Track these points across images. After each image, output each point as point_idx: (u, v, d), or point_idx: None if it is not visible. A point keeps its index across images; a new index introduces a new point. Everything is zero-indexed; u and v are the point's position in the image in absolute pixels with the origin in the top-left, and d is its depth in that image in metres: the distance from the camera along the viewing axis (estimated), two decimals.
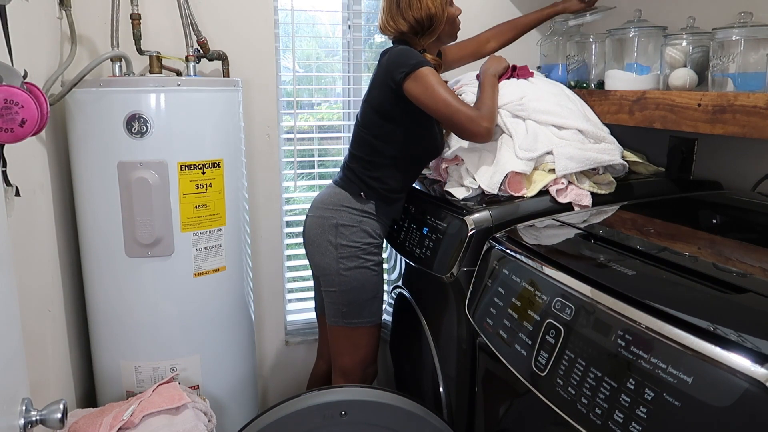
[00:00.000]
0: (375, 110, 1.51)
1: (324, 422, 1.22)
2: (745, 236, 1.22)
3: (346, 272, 1.52)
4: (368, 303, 1.55)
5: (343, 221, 1.53)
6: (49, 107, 1.06)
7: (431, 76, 1.40)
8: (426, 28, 1.50)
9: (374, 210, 1.54)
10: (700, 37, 1.42)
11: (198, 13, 1.74)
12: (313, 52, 2.16)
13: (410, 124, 1.49)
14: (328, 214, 1.55)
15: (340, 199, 1.55)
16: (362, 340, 1.58)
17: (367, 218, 1.54)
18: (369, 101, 1.53)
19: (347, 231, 1.52)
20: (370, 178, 1.54)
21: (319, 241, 1.55)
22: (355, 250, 1.52)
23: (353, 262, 1.52)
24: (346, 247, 1.52)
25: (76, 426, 1.35)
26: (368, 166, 1.54)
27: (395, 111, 1.48)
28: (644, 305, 0.82)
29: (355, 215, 1.53)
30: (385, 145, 1.52)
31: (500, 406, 1.20)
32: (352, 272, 1.52)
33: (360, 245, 1.52)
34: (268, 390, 2.16)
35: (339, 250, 1.52)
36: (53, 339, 1.42)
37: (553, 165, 1.44)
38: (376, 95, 1.51)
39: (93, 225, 1.52)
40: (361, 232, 1.53)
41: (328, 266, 1.54)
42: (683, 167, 1.64)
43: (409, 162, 1.57)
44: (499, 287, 1.12)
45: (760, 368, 0.65)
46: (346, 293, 1.53)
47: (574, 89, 1.70)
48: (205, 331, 1.62)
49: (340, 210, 1.54)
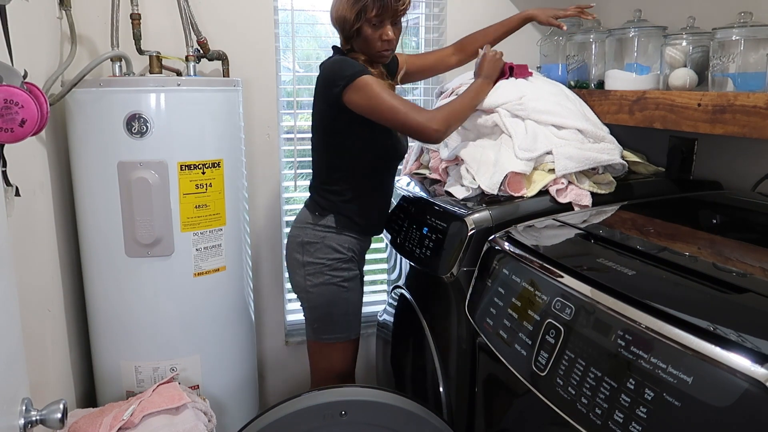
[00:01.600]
0: (321, 124, 1.50)
1: (324, 422, 1.22)
2: (745, 236, 1.22)
3: (312, 289, 1.52)
4: (340, 319, 1.54)
5: (308, 238, 1.52)
6: (49, 107, 1.06)
7: (372, 84, 1.37)
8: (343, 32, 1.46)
9: (334, 224, 1.52)
10: (700, 37, 1.42)
11: (198, 13, 1.74)
12: (313, 52, 2.16)
13: (360, 132, 1.46)
14: (295, 232, 1.56)
15: (305, 216, 1.55)
16: (335, 355, 1.57)
17: (329, 233, 1.52)
18: (314, 115, 1.51)
19: (312, 248, 1.51)
20: (328, 192, 1.52)
21: (289, 259, 1.56)
22: (321, 266, 1.51)
23: (319, 278, 1.51)
24: (312, 264, 1.51)
25: (76, 426, 1.35)
26: (326, 180, 1.53)
27: (339, 123, 1.45)
28: (644, 305, 0.82)
29: (318, 231, 1.52)
30: (338, 157, 1.51)
31: (500, 406, 1.20)
32: (318, 289, 1.51)
33: (325, 261, 1.51)
34: (268, 390, 2.16)
35: (306, 267, 1.52)
36: (53, 339, 1.42)
37: (553, 165, 1.44)
38: (318, 109, 1.49)
39: (93, 225, 1.52)
40: (325, 248, 1.51)
41: (297, 284, 1.55)
42: (683, 167, 1.64)
43: (368, 170, 1.54)
44: (499, 287, 1.12)
45: (760, 368, 0.65)
46: (314, 310, 1.54)
47: (574, 89, 1.70)
48: (205, 331, 1.62)
49: (305, 227, 1.53)
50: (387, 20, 1.41)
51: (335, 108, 1.41)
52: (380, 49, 1.45)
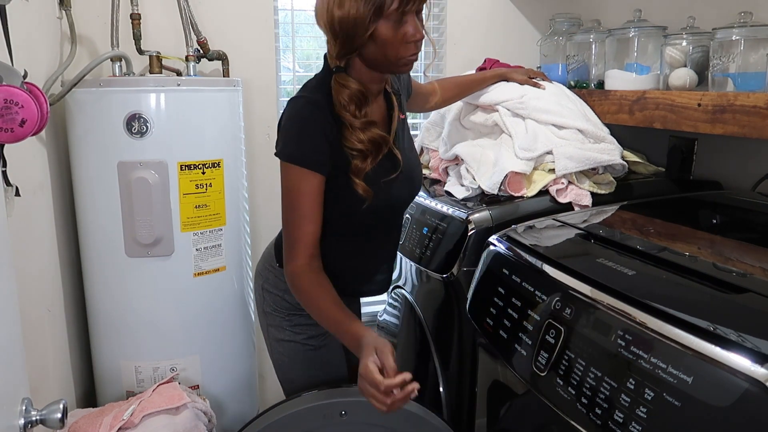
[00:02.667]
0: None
1: (324, 422, 1.22)
2: (745, 236, 1.22)
3: (275, 343, 1.31)
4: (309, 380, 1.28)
5: (269, 286, 1.28)
6: (49, 107, 1.06)
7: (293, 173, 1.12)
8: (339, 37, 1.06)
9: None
10: (700, 37, 1.42)
11: (198, 13, 1.74)
12: (313, 52, 2.16)
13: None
14: (258, 272, 1.34)
15: (268, 257, 1.30)
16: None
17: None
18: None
19: (270, 298, 1.28)
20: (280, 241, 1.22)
21: (256, 304, 1.36)
22: (281, 320, 1.28)
23: (280, 333, 1.28)
24: (272, 316, 1.29)
25: (76, 426, 1.35)
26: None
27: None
28: (644, 305, 0.82)
29: (280, 280, 1.23)
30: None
31: (500, 406, 1.20)
32: (279, 345, 1.30)
33: (284, 316, 1.27)
34: (268, 390, 2.15)
35: (267, 317, 1.30)
36: (53, 339, 1.42)
37: (553, 165, 1.44)
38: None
39: (93, 225, 1.52)
40: (284, 303, 1.26)
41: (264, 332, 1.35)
42: (683, 167, 1.64)
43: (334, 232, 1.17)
44: (499, 287, 1.12)
45: (760, 368, 0.65)
46: (279, 365, 1.33)
47: (574, 89, 1.70)
48: (205, 331, 1.61)
49: (268, 270, 1.29)
50: (412, 12, 1.05)
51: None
52: (406, 54, 1.08)
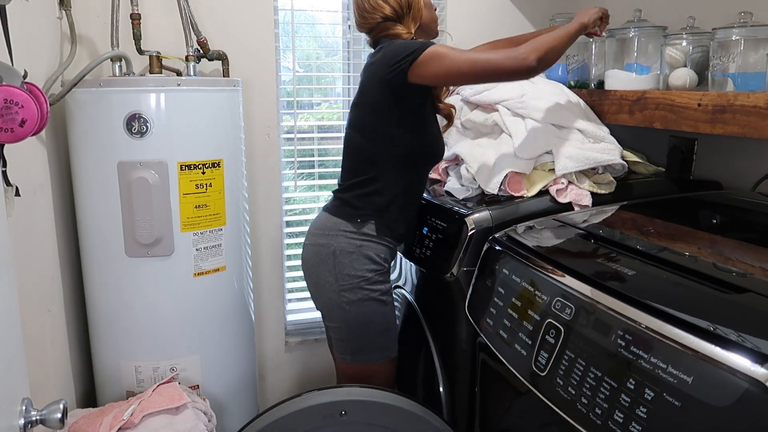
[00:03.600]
0: (372, 112, 1.39)
1: (324, 422, 1.22)
2: (745, 236, 1.22)
3: (349, 306, 1.37)
4: (379, 337, 1.41)
5: (342, 248, 1.38)
6: (49, 107, 1.06)
7: (443, 48, 1.30)
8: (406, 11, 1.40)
9: (374, 231, 1.39)
10: (700, 37, 1.42)
11: (198, 13, 1.74)
12: (313, 52, 2.16)
13: (410, 123, 1.38)
14: (324, 241, 1.41)
15: (336, 224, 1.41)
16: (375, 378, 1.41)
17: (367, 242, 1.39)
18: (363, 104, 1.41)
19: (347, 259, 1.37)
20: (366, 194, 1.40)
21: (317, 272, 1.42)
22: (359, 280, 1.37)
23: (356, 294, 1.37)
24: (347, 277, 1.37)
25: (76, 426, 1.35)
26: (363, 181, 1.41)
27: (395, 110, 1.36)
28: (644, 305, 0.82)
29: (354, 240, 1.38)
30: (382, 151, 1.40)
31: (500, 405, 1.20)
32: (355, 306, 1.37)
33: (363, 274, 1.37)
34: (268, 390, 2.16)
35: (339, 281, 1.37)
36: (53, 339, 1.42)
37: (553, 165, 1.44)
38: (371, 96, 1.39)
39: (93, 225, 1.52)
40: (363, 259, 1.38)
41: (328, 300, 1.40)
42: (683, 167, 1.64)
43: (409, 169, 1.42)
44: (499, 287, 1.12)
45: (760, 368, 0.65)
46: (353, 329, 1.39)
47: (574, 89, 1.70)
48: (205, 331, 1.61)
49: (337, 235, 1.39)
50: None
51: (395, 91, 1.34)
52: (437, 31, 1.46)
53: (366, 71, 1.42)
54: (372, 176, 1.40)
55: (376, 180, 1.40)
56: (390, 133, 1.39)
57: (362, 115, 1.42)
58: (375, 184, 1.40)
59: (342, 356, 1.45)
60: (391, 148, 1.40)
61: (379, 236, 1.40)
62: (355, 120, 1.45)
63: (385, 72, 1.33)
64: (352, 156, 1.47)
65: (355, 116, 1.45)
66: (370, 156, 1.42)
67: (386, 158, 1.40)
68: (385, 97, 1.36)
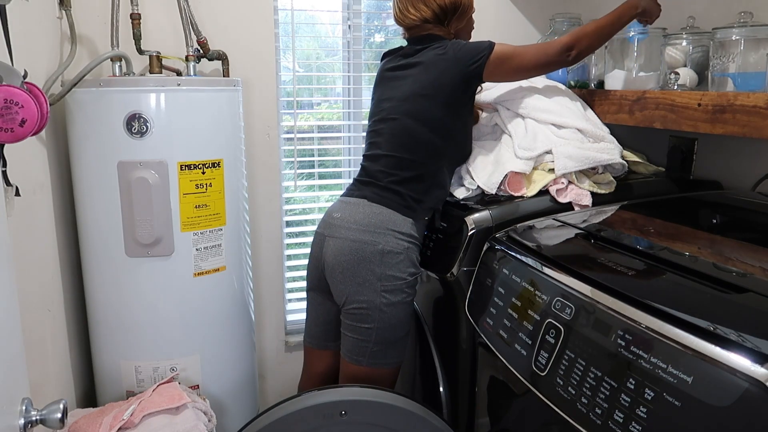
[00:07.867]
0: (444, 105, 1.39)
1: (324, 422, 1.22)
2: (745, 236, 1.22)
3: (387, 308, 1.33)
4: (399, 342, 1.39)
5: (390, 248, 1.33)
6: (49, 107, 1.06)
7: (506, 46, 1.39)
8: (450, 15, 1.46)
9: (417, 233, 1.39)
10: (700, 37, 1.42)
11: (198, 13, 1.74)
12: (313, 52, 2.16)
13: (468, 119, 1.48)
14: (370, 238, 1.33)
15: (384, 221, 1.35)
16: (386, 382, 1.39)
17: (412, 244, 1.37)
18: (434, 96, 1.39)
19: (394, 260, 1.33)
20: (419, 192, 1.38)
21: (358, 270, 1.34)
22: (401, 283, 1.34)
23: (396, 296, 1.34)
24: (391, 278, 1.33)
25: (76, 426, 1.35)
26: (420, 177, 1.38)
27: (463, 107, 1.44)
28: (644, 305, 0.82)
29: (402, 241, 1.34)
30: (447, 145, 1.42)
31: (500, 405, 1.20)
32: (392, 308, 1.34)
33: (406, 277, 1.35)
34: (268, 390, 2.16)
35: (383, 282, 1.32)
36: (53, 339, 1.42)
37: (553, 164, 1.44)
38: (444, 88, 1.38)
39: (93, 225, 1.52)
40: (407, 262, 1.35)
41: (367, 300, 1.33)
42: (683, 167, 1.64)
43: (454, 164, 1.49)
44: (499, 287, 1.12)
45: (760, 368, 0.65)
46: (383, 331, 1.35)
47: (574, 89, 1.70)
48: (205, 331, 1.62)
49: (386, 234, 1.34)
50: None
51: (467, 86, 1.41)
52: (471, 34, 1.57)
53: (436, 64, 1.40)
54: (429, 173, 1.41)
55: (430, 176, 1.41)
56: (456, 127, 1.44)
57: (431, 108, 1.39)
58: (427, 180, 1.41)
59: (357, 358, 1.38)
60: (454, 143, 1.46)
61: (420, 239, 1.42)
62: (419, 112, 1.40)
63: (464, 67, 1.38)
64: (412, 148, 1.40)
65: (422, 108, 1.40)
66: (436, 152, 1.41)
67: (450, 152, 1.45)
68: (459, 92, 1.41)
